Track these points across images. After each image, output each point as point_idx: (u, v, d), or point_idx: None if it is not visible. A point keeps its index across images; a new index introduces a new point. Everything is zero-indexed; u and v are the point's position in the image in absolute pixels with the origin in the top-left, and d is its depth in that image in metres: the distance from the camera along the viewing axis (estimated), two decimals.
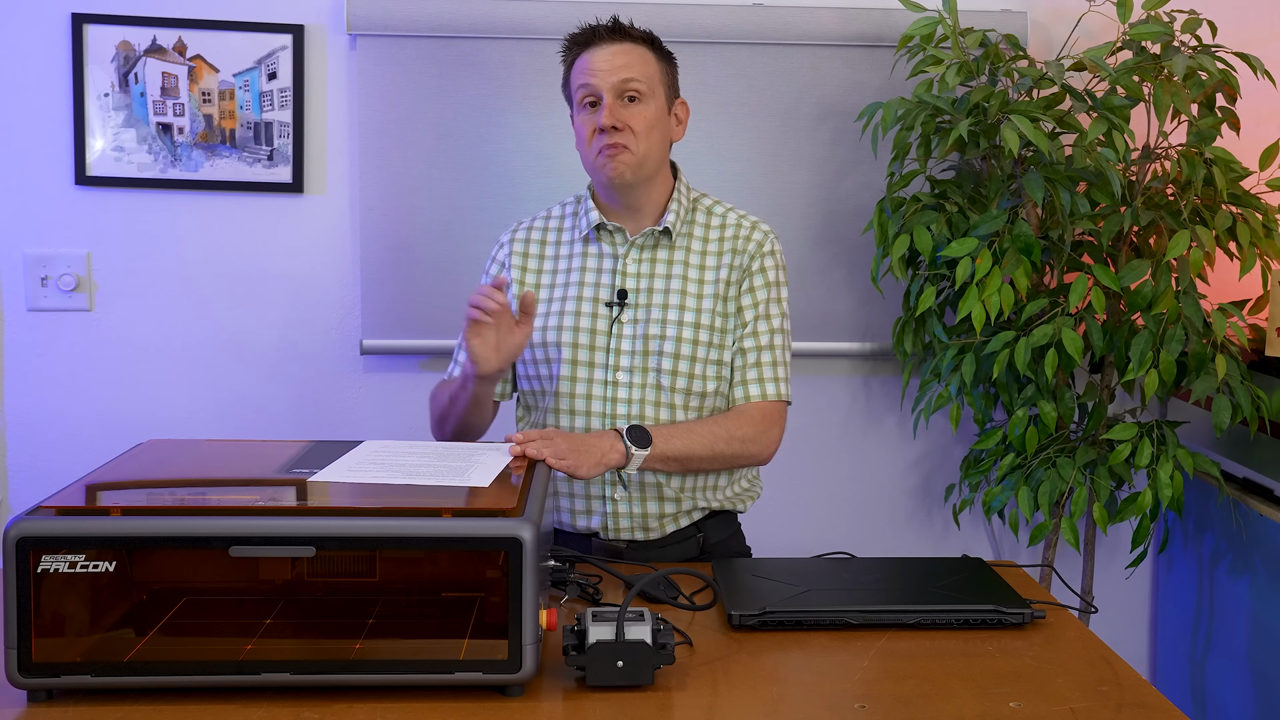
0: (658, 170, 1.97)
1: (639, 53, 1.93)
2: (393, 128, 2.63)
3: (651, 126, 1.92)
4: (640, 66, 1.92)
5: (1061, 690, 1.38)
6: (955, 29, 2.42)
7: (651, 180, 1.96)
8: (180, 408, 2.68)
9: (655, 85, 1.93)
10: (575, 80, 1.95)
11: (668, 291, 1.96)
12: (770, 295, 1.98)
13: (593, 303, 1.96)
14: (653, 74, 1.93)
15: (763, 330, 1.97)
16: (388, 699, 1.32)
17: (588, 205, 2.01)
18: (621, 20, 1.95)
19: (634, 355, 1.94)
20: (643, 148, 1.91)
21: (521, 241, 2.05)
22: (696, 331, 1.94)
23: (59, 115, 2.60)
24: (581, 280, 1.98)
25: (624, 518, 1.95)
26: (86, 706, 1.29)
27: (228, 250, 2.67)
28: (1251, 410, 2.32)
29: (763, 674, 1.42)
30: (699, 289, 1.96)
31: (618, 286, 1.97)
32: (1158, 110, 2.29)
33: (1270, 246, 2.36)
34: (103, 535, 1.29)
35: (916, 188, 2.59)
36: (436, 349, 2.69)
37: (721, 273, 1.97)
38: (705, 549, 2.00)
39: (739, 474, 2.04)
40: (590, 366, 1.94)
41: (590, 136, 1.93)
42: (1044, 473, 2.44)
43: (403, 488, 1.43)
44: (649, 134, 1.92)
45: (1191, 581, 2.69)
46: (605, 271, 1.98)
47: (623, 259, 1.98)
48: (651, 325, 1.94)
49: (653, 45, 1.96)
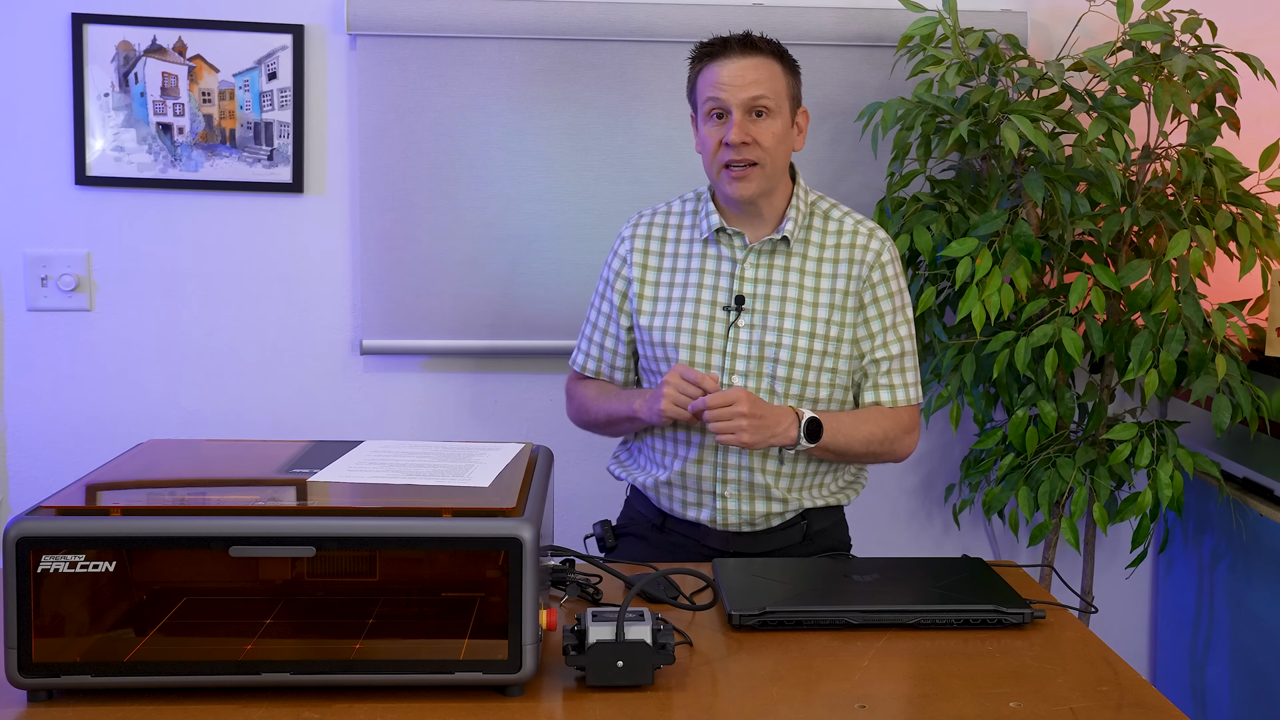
0: (783, 176, 2.03)
1: (768, 67, 1.97)
2: (393, 128, 2.62)
3: (779, 141, 1.97)
4: (769, 82, 1.96)
5: (1061, 690, 1.38)
6: (955, 29, 2.42)
7: (773, 190, 2.01)
8: (180, 408, 2.68)
9: (782, 100, 1.98)
10: (703, 91, 2.00)
11: (784, 299, 2.00)
12: (895, 304, 2.05)
13: (710, 305, 2.01)
14: (780, 88, 1.98)
15: (891, 340, 2.04)
16: (388, 699, 1.32)
17: (709, 207, 2.06)
18: (753, 33, 2.01)
19: (749, 360, 1.99)
20: (770, 161, 1.96)
21: (643, 238, 2.10)
22: (811, 340, 1.99)
23: (59, 115, 2.60)
24: (700, 282, 2.03)
25: (732, 514, 2.02)
26: (86, 706, 1.29)
27: (228, 250, 2.67)
28: (1251, 410, 2.32)
29: (763, 674, 1.42)
30: (815, 297, 2.01)
31: (736, 291, 2.01)
32: (1158, 110, 2.30)
33: (1270, 246, 2.36)
34: (103, 535, 1.29)
35: (916, 188, 2.59)
36: (436, 349, 2.69)
37: (839, 282, 2.02)
38: (809, 536, 2.06)
39: (843, 470, 2.11)
40: (706, 368, 1.99)
41: (716, 148, 1.97)
42: (1044, 473, 2.44)
43: (403, 488, 1.43)
44: (776, 147, 1.97)
45: (1191, 581, 2.69)
46: (724, 275, 2.02)
47: (741, 264, 2.02)
48: (768, 332, 1.99)
49: (781, 58, 2.01)
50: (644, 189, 2.64)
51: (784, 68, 2.00)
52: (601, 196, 2.65)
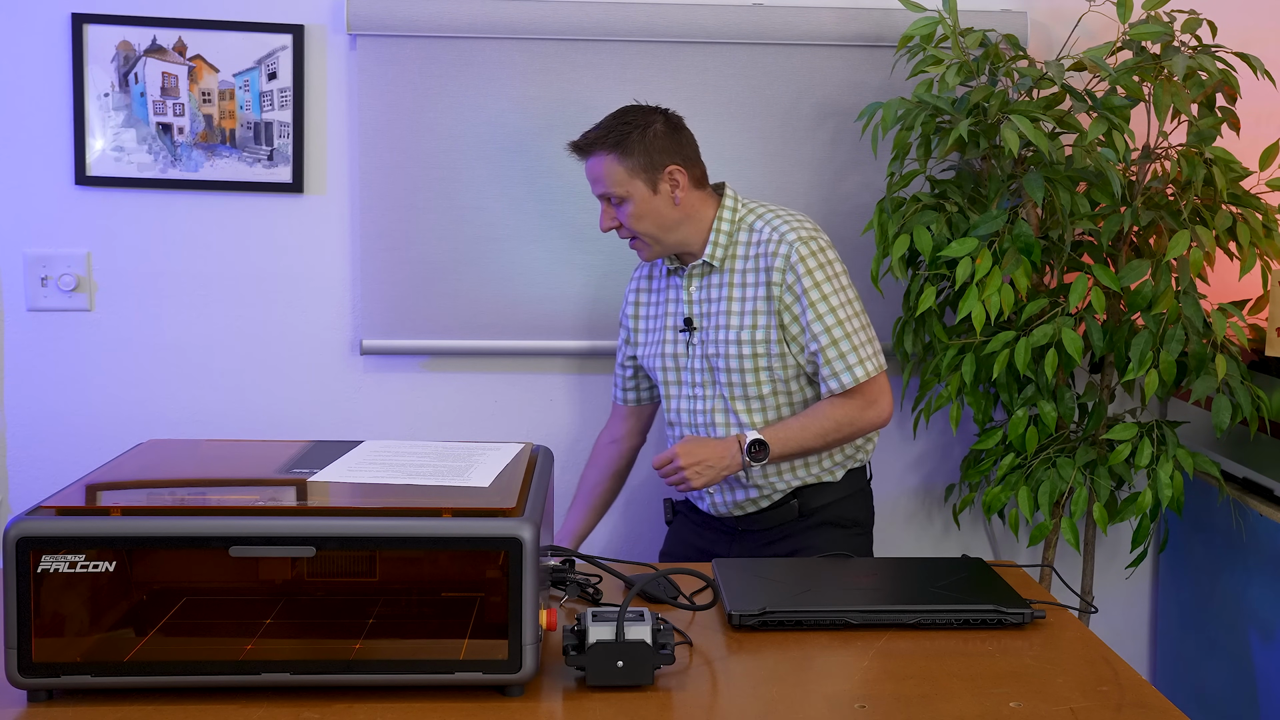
0: (680, 227, 2.20)
1: (602, 164, 2.16)
2: (393, 128, 2.63)
3: (640, 216, 2.17)
4: (605, 177, 2.16)
5: (1061, 690, 1.38)
6: (955, 29, 2.42)
7: (682, 232, 2.20)
8: (180, 408, 2.68)
9: (626, 182, 2.15)
10: None
11: (717, 314, 2.21)
12: (812, 297, 2.15)
13: (673, 330, 2.27)
14: (618, 175, 2.15)
15: (819, 331, 2.15)
16: (388, 699, 1.32)
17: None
18: (577, 139, 2.19)
19: (702, 373, 2.24)
20: (646, 232, 2.18)
21: (637, 278, 2.38)
22: (741, 347, 2.18)
23: (59, 115, 2.60)
24: (666, 311, 2.30)
25: (720, 505, 2.28)
26: (86, 706, 1.29)
27: (228, 250, 2.67)
28: (1251, 410, 2.32)
29: (763, 674, 1.42)
30: (741, 307, 2.19)
31: (684, 315, 2.24)
32: (1158, 110, 2.29)
33: (1270, 246, 2.36)
34: (103, 535, 1.29)
35: (916, 188, 2.59)
36: (436, 349, 2.69)
37: (759, 290, 2.18)
38: (803, 513, 2.25)
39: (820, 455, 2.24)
40: (678, 385, 2.28)
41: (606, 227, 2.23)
42: (1044, 473, 2.44)
43: (403, 488, 1.43)
44: (644, 220, 2.17)
45: (1191, 581, 2.69)
46: (679, 302, 2.27)
47: (686, 289, 2.25)
48: (709, 345, 2.22)
49: (614, 146, 2.15)
50: None
51: (618, 155, 2.15)
52: None
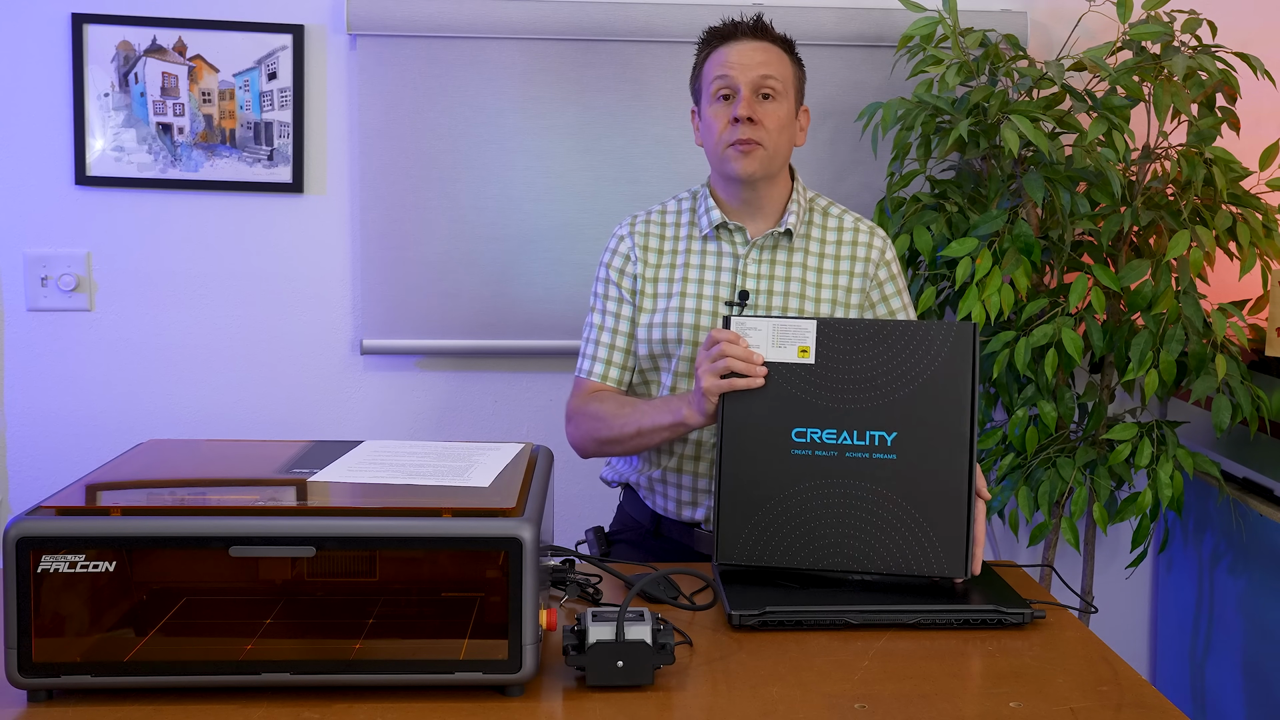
0: (780, 171, 2.01)
1: (777, 53, 1.98)
2: (393, 128, 2.62)
3: (783, 126, 1.97)
4: (778, 66, 1.97)
5: (1061, 690, 1.38)
6: (955, 29, 2.42)
7: (774, 180, 2.01)
8: (180, 408, 2.68)
9: (789, 87, 1.99)
10: (711, 72, 2.00)
11: (787, 294, 2.00)
12: (904, 301, 2.08)
13: (713, 301, 1.99)
14: (788, 76, 1.99)
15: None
16: (388, 699, 1.32)
17: (708, 203, 2.04)
18: (764, 19, 2.01)
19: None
20: (773, 145, 1.95)
21: (641, 235, 2.07)
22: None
23: (59, 115, 2.60)
24: (701, 278, 2.01)
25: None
26: (86, 706, 1.29)
27: (228, 250, 2.67)
28: (1251, 410, 2.32)
29: (763, 674, 1.41)
30: (817, 292, 2.01)
31: (739, 287, 1.99)
32: (1158, 110, 2.30)
33: (1270, 246, 2.36)
34: (103, 535, 1.29)
35: (916, 188, 2.59)
36: (436, 349, 2.69)
37: (842, 279, 2.02)
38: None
39: None
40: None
41: (722, 128, 1.96)
42: (1044, 473, 2.44)
43: (403, 488, 1.43)
44: (780, 133, 1.96)
45: (1191, 581, 2.69)
46: (725, 270, 2.01)
47: (744, 259, 2.01)
48: None
49: (789, 50, 2.02)
50: (644, 189, 2.64)
51: (791, 59, 2.02)
52: (601, 196, 2.65)
